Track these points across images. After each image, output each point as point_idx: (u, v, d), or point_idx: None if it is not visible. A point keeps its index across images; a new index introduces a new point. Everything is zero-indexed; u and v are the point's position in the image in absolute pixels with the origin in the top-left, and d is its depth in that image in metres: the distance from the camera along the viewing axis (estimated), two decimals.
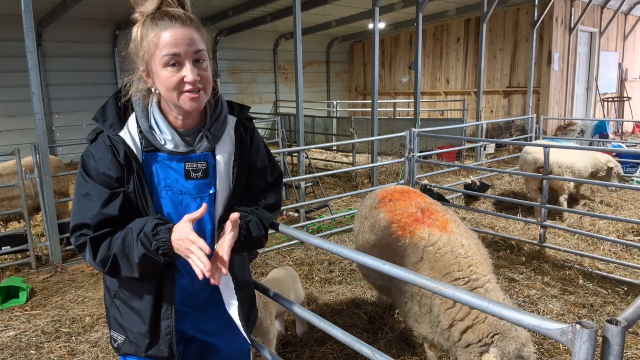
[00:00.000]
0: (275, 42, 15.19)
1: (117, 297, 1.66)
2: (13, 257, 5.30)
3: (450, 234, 2.81)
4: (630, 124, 14.16)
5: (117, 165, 1.51)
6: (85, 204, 1.53)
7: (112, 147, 1.52)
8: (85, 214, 1.52)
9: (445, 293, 1.40)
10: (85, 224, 1.51)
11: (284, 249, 5.40)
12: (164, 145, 1.55)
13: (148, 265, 1.49)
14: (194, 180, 1.58)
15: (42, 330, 3.79)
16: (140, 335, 1.62)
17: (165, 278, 1.61)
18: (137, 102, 1.57)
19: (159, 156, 1.56)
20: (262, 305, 2.94)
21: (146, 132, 1.54)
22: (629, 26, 14.65)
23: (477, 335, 2.38)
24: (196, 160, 1.58)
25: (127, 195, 1.54)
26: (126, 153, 1.51)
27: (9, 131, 10.69)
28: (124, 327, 1.65)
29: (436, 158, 10.16)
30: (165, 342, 1.63)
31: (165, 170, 1.57)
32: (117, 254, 1.49)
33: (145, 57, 1.47)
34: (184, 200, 1.59)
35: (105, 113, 1.56)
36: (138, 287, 1.61)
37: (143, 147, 1.55)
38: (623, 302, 3.93)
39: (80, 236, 1.53)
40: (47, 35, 10.80)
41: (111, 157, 1.51)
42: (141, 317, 1.62)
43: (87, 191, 1.53)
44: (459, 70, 13.89)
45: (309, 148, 6.06)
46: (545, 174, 4.93)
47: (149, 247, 1.45)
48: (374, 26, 7.92)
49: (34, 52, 4.71)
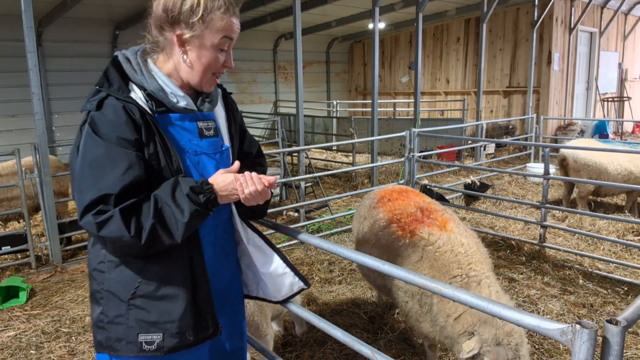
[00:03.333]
0: (275, 42, 15.19)
1: (137, 295, 1.48)
2: (13, 257, 5.30)
3: (450, 233, 2.81)
4: (630, 124, 14.16)
5: (133, 126, 1.41)
6: (100, 171, 1.36)
7: (124, 108, 1.42)
8: (102, 183, 1.35)
9: (444, 293, 1.40)
10: (105, 196, 1.34)
11: (284, 249, 5.40)
12: (177, 104, 1.53)
13: (195, 222, 1.43)
14: (208, 139, 1.60)
15: (42, 330, 3.79)
16: (184, 321, 1.49)
17: (194, 252, 1.54)
18: (139, 66, 1.53)
19: (170, 117, 1.53)
20: (257, 308, 2.92)
21: (157, 91, 1.51)
22: (629, 26, 14.65)
23: (462, 325, 2.41)
24: (206, 119, 1.61)
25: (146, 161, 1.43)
26: (142, 113, 1.44)
27: (9, 131, 10.68)
28: (159, 323, 1.48)
29: (436, 158, 10.15)
30: (209, 317, 1.57)
31: (179, 132, 1.54)
32: (155, 222, 1.36)
33: (199, 27, 1.47)
34: (200, 161, 1.57)
35: (110, 78, 1.49)
36: (167, 269, 1.49)
37: (155, 109, 1.50)
38: (623, 302, 3.93)
39: (99, 213, 1.34)
40: (47, 35, 10.80)
41: (126, 118, 1.41)
42: (179, 302, 1.49)
43: (104, 154, 1.37)
44: (459, 70, 13.89)
45: (309, 148, 6.06)
46: (545, 174, 4.94)
47: (198, 201, 1.40)
48: (374, 26, 7.92)
49: (34, 52, 4.70)
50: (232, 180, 1.49)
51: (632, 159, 6.12)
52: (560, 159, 6.51)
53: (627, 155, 6.20)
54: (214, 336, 1.59)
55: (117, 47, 11.94)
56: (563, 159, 6.46)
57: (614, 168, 6.09)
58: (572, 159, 6.30)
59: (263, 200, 1.55)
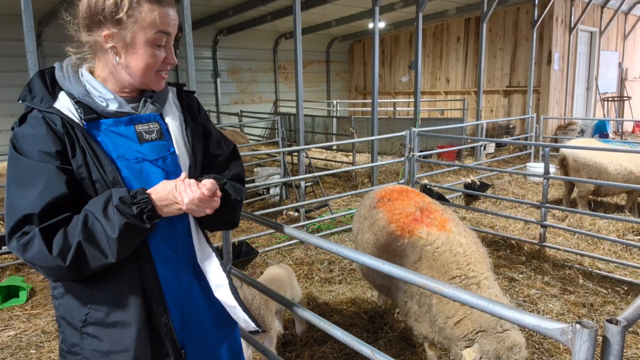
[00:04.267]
0: (275, 42, 15.18)
1: (88, 322, 1.36)
2: (13, 257, 5.30)
3: (449, 233, 2.81)
4: (630, 124, 14.16)
5: (54, 137, 1.29)
6: (22, 190, 1.25)
7: (44, 120, 1.30)
8: (23, 204, 1.24)
9: (444, 293, 1.40)
10: (26, 217, 1.23)
11: (284, 249, 5.40)
12: (107, 108, 1.38)
13: (129, 240, 1.27)
14: (150, 142, 1.42)
15: (42, 329, 3.79)
16: (139, 349, 1.36)
17: (145, 270, 1.38)
18: (68, 74, 1.40)
19: (102, 124, 1.37)
20: (263, 302, 2.94)
21: (83, 97, 1.36)
22: (629, 26, 14.64)
23: (462, 331, 2.41)
24: (146, 122, 1.43)
25: (73, 176, 1.29)
26: (64, 122, 1.31)
27: (9, 131, 10.68)
28: (112, 352, 1.36)
29: (436, 158, 10.15)
30: (168, 342, 1.41)
31: (113, 139, 1.37)
32: (81, 240, 1.22)
33: (127, 24, 1.32)
34: (143, 169, 1.39)
35: (32, 90, 1.36)
36: (116, 291, 1.36)
37: (83, 117, 1.34)
38: (623, 301, 3.93)
39: (23, 235, 1.22)
40: (47, 35, 10.80)
41: (46, 130, 1.29)
42: (132, 327, 1.36)
43: (24, 173, 1.26)
44: (459, 70, 13.88)
45: (309, 148, 6.06)
46: (545, 173, 4.93)
47: (130, 213, 1.24)
48: (374, 26, 7.92)
49: (34, 52, 4.70)
50: (172, 189, 1.31)
51: (632, 159, 6.12)
52: (561, 159, 6.51)
53: (627, 155, 6.20)
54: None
55: None
56: (563, 158, 6.46)
57: (614, 168, 6.09)
58: (572, 158, 6.30)
59: (211, 210, 1.36)
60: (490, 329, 2.32)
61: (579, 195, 6.45)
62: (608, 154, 6.10)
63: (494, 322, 2.33)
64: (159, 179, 1.40)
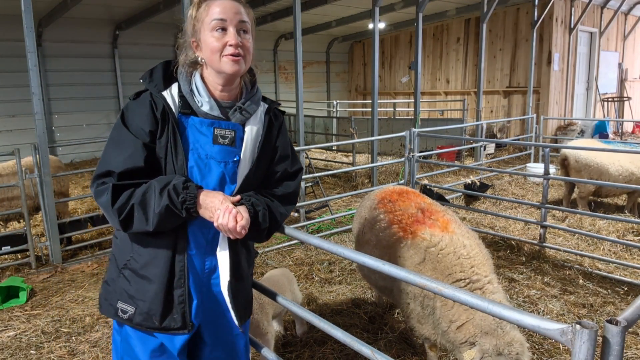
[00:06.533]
0: (275, 42, 15.19)
1: (127, 267, 1.66)
2: (13, 257, 5.30)
3: (452, 234, 2.80)
4: (630, 124, 14.16)
5: (152, 119, 1.59)
6: (114, 151, 1.57)
7: (152, 102, 1.60)
8: (112, 161, 1.56)
9: (444, 293, 1.40)
10: (109, 172, 1.55)
11: (284, 249, 5.40)
12: (200, 107, 1.64)
13: (167, 219, 1.53)
14: (220, 145, 1.66)
15: (42, 330, 3.79)
16: (153, 304, 1.62)
17: (179, 245, 1.64)
18: (182, 72, 1.68)
19: (191, 119, 1.64)
20: (257, 306, 2.91)
21: (186, 93, 1.64)
22: (629, 26, 14.65)
23: (464, 335, 2.41)
24: (225, 128, 1.67)
25: (154, 153, 1.59)
26: (164, 109, 1.60)
27: (9, 131, 10.69)
28: (135, 297, 1.64)
29: (436, 158, 10.15)
30: (179, 311, 1.64)
31: (195, 134, 1.64)
32: (135, 204, 1.52)
33: (197, 26, 1.62)
34: (208, 164, 1.64)
35: (153, 75, 1.67)
36: (153, 253, 1.63)
37: (180, 108, 1.63)
38: (623, 302, 3.93)
39: (102, 184, 1.55)
40: (47, 35, 10.80)
41: (148, 111, 1.59)
42: (154, 285, 1.62)
43: (120, 138, 1.59)
44: (459, 70, 13.89)
45: (309, 148, 6.05)
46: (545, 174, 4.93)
47: (175, 199, 1.51)
48: (374, 26, 7.92)
49: (34, 52, 4.70)
50: (217, 203, 1.55)
51: (633, 160, 6.12)
52: (562, 159, 6.51)
53: (628, 155, 6.20)
54: (181, 331, 1.66)
55: (117, 47, 11.94)
56: (564, 158, 6.46)
57: (615, 169, 6.09)
58: (573, 159, 6.30)
59: (233, 236, 1.59)
60: (491, 330, 2.32)
61: (579, 195, 6.45)
62: (609, 154, 6.10)
63: (495, 325, 2.32)
64: (217, 176, 1.66)
